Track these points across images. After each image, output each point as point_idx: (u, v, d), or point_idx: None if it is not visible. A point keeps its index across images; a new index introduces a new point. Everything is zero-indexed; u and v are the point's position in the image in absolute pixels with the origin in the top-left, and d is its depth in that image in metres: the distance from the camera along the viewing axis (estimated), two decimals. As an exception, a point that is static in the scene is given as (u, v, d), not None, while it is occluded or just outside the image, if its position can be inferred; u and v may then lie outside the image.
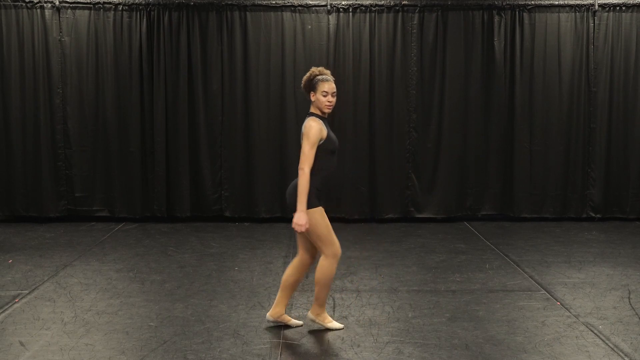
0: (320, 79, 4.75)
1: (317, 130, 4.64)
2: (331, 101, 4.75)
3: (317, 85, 4.75)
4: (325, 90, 4.73)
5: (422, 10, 8.81)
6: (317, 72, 4.79)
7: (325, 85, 4.74)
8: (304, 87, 4.83)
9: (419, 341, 4.67)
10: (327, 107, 4.76)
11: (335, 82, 4.87)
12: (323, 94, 4.73)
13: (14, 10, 8.63)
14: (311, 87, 4.78)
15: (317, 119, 4.72)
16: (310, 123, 4.67)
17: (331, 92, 4.75)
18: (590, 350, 4.52)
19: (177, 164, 8.82)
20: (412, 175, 8.94)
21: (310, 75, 4.80)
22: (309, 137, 4.63)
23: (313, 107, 4.80)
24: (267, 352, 4.47)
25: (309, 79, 4.79)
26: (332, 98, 4.76)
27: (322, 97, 4.73)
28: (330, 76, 4.82)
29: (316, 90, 4.75)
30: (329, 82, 4.75)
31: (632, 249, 7.46)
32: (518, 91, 8.89)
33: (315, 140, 4.64)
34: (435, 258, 7.07)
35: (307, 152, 4.62)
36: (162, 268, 6.64)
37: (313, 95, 4.77)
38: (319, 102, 4.75)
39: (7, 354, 4.42)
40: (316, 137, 4.64)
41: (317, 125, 4.65)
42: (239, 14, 8.73)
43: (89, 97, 8.75)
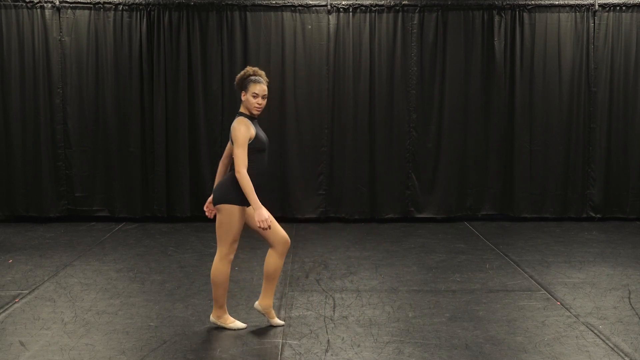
0: (253, 80, 4.76)
1: (244, 131, 4.66)
2: (260, 103, 4.78)
3: (248, 85, 4.76)
4: (256, 92, 4.75)
5: (422, 10, 8.81)
6: (252, 72, 4.80)
7: (257, 87, 4.75)
8: (237, 85, 4.84)
9: (419, 341, 4.67)
10: (256, 109, 4.78)
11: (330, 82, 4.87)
12: (253, 95, 4.75)
13: (14, 10, 8.63)
14: (243, 86, 4.78)
15: (244, 119, 4.73)
16: (237, 125, 4.68)
17: (261, 95, 4.77)
18: (590, 350, 4.52)
19: (177, 164, 8.82)
20: (412, 175, 8.94)
21: (244, 74, 4.80)
22: (238, 140, 4.65)
23: (243, 106, 4.81)
24: (267, 352, 4.47)
25: (242, 78, 4.79)
26: (262, 100, 4.78)
27: (252, 99, 4.75)
28: (264, 78, 4.83)
29: (247, 90, 4.76)
30: (260, 84, 4.76)
31: (632, 249, 7.46)
32: (518, 91, 8.89)
33: (244, 142, 4.65)
34: (435, 258, 7.07)
35: (240, 155, 4.64)
36: (162, 268, 6.64)
37: (244, 94, 4.78)
38: (248, 103, 4.76)
39: (7, 354, 4.42)
40: (244, 138, 4.65)
41: (243, 127, 4.67)
42: (239, 14, 8.73)
43: (89, 97, 8.75)
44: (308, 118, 8.83)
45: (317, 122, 8.85)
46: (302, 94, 8.81)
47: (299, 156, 8.86)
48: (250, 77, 4.77)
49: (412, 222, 8.94)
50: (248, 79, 4.77)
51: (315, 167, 8.89)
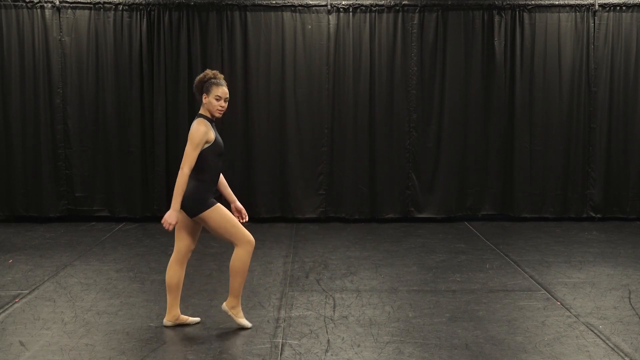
0: (215, 82, 4.78)
1: (202, 133, 4.66)
2: (223, 106, 4.81)
3: (210, 88, 4.78)
4: (219, 95, 4.77)
5: (422, 10, 8.81)
6: (212, 74, 4.81)
7: (219, 90, 4.77)
8: (196, 88, 4.85)
9: (419, 341, 4.67)
10: (218, 111, 4.80)
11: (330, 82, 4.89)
12: (216, 98, 4.77)
13: (14, 10, 8.63)
14: (204, 89, 4.80)
15: (205, 121, 4.74)
16: (197, 126, 4.69)
17: (224, 97, 4.80)
18: (590, 350, 4.52)
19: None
20: (412, 175, 8.94)
21: (204, 77, 4.82)
22: (193, 140, 4.65)
23: (203, 109, 4.82)
24: (267, 352, 4.47)
25: (202, 81, 4.81)
26: (224, 103, 4.82)
27: (215, 102, 4.77)
28: (224, 81, 4.84)
29: (209, 93, 4.78)
30: (222, 87, 4.79)
31: (632, 249, 7.46)
32: (518, 91, 8.89)
33: (199, 143, 4.66)
34: (435, 258, 7.07)
35: (190, 154, 4.65)
36: (163, 268, 6.63)
37: (205, 97, 4.80)
38: (210, 106, 4.78)
39: (7, 354, 4.42)
40: (200, 140, 4.66)
41: (203, 129, 4.68)
42: (239, 14, 8.74)
43: (89, 97, 8.75)
44: (308, 118, 8.83)
45: (317, 122, 8.85)
46: (302, 94, 8.81)
47: (299, 156, 8.86)
48: (212, 79, 4.79)
49: (412, 222, 8.94)
50: (209, 81, 4.79)
51: (315, 167, 8.89)
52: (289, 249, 7.48)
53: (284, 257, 7.07)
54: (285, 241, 7.86)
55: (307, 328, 4.92)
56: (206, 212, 4.75)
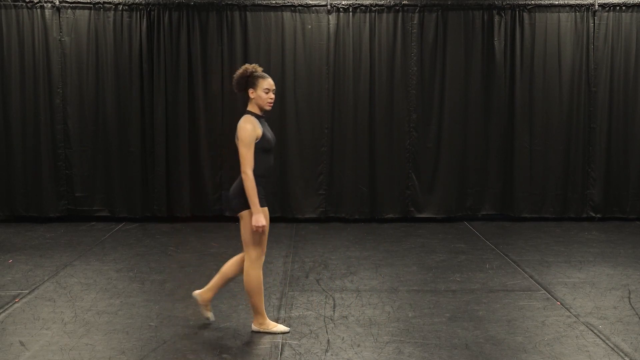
0: (260, 75, 4.67)
1: (250, 131, 4.57)
2: (273, 98, 4.71)
3: (257, 81, 4.66)
4: (267, 87, 4.67)
5: (422, 10, 8.81)
6: (252, 68, 4.70)
7: (266, 82, 4.67)
8: (238, 84, 4.71)
9: (419, 341, 4.67)
10: (269, 104, 4.69)
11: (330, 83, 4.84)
12: (265, 91, 4.66)
13: (14, 10, 8.63)
14: (249, 83, 4.68)
15: (251, 117, 4.64)
16: (243, 124, 4.60)
17: (272, 89, 4.70)
18: (590, 350, 4.52)
19: (177, 164, 8.82)
20: (412, 175, 8.94)
21: (245, 71, 4.69)
22: (244, 140, 4.56)
23: (251, 104, 4.71)
24: (267, 352, 4.47)
25: (244, 76, 4.69)
26: (273, 95, 4.71)
27: (264, 94, 4.66)
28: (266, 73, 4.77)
29: (256, 87, 4.66)
30: (268, 79, 4.69)
31: (632, 249, 7.46)
32: (518, 91, 8.89)
33: (250, 142, 4.56)
34: (435, 258, 7.08)
35: (245, 155, 4.56)
36: (163, 268, 6.64)
37: (252, 92, 4.68)
38: (260, 100, 4.67)
39: (7, 354, 4.42)
40: (250, 138, 4.56)
41: (249, 126, 4.58)
42: (239, 14, 8.74)
43: (89, 97, 8.75)
44: (308, 118, 8.83)
45: (317, 122, 8.85)
46: (302, 94, 8.81)
47: (299, 156, 8.86)
48: (255, 73, 4.68)
49: (412, 222, 8.94)
50: (253, 75, 4.67)
51: (315, 167, 8.89)
52: (289, 249, 7.48)
53: (284, 257, 7.07)
54: (285, 241, 7.86)
55: (307, 328, 4.92)
56: (248, 211, 4.62)
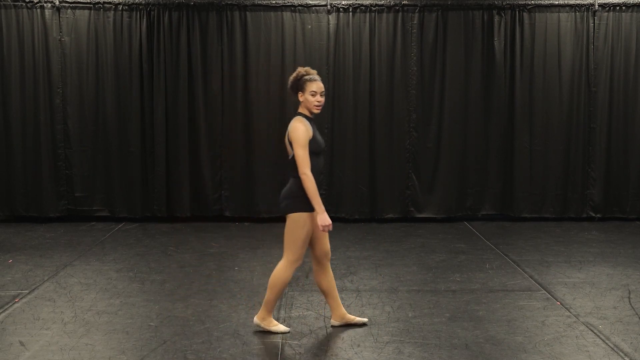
0: (308, 79, 4.72)
1: (303, 131, 4.62)
2: (320, 101, 4.73)
3: (305, 84, 4.72)
4: (314, 90, 4.71)
5: (422, 10, 8.81)
6: (304, 71, 4.76)
7: (314, 85, 4.72)
8: (291, 88, 4.80)
9: (419, 341, 4.67)
10: (316, 107, 4.73)
11: (329, 83, 4.86)
12: (312, 94, 4.71)
13: (14, 10, 8.63)
14: (299, 87, 4.75)
15: (302, 119, 4.69)
16: (295, 124, 4.64)
17: (320, 92, 4.73)
18: (590, 350, 4.52)
19: (177, 164, 8.82)
20: (412, 175, 8.94)
21: (297, 75, 4.77)
22: (299, 140, 4.60)
23: (301, 107, 4.77)
24: (267, 352, 4.47)
25: (296, 79, 4.76)
26: (320, 98, 4.74)
27: (311, 97, 4.71)
28: (317, 76, 4.79)
29: (304, 90, 4.72)
30: (317, 82, 4.73)
31: (632, 249, 7.46)
32: (518, 91, 8.89)
33: (305, 142, 4.61)
34: (435, 258, 7.08)
35: (302, 155, 4.60)
36: (162, 268, 6.64)
37: (301, 95, 4.74)
38: (307, 102, 4.72)
39: (7, 354, 4.42)
40: (305, 137, 4.61)
41: (302, 126, 4.63)
42: (239, 14, 8.73)
43: (89, 97, 8.75)
44: (308, 118, 8.82)
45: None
46: (302, 94, 8.79)
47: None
48: (305, 76, 4.73)
49: (412, 222, 8.94)
50: (303, 78, 4.73)
51: (315, 167, 8.87)
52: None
53: (284, 257, 7.05)
54: (285, 241, 7.84)
55: (307, 328, 4.92)
56: (296, 214, 4.65)
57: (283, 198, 4.75)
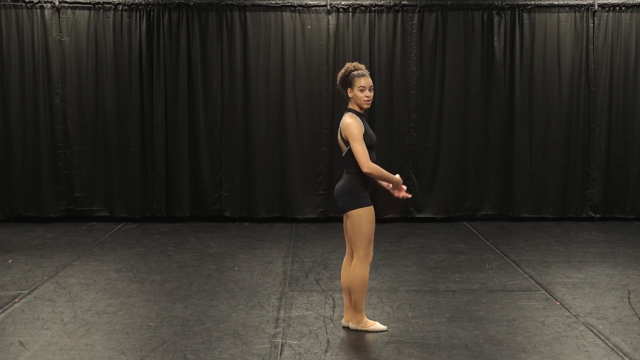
0: (357, 74, 4.71)
1: (357, 125, 4.64)
2: (369, 96, 4.73)
3: (353, 80, 4.71)
4: (363, 85, 4.70)
5: (422, 10, 8.81)
6: (352, 67, 4.76)
7: (362, 80, 4.71)
8: (340, 84, 4.79)
9: (419, 341, 4.67)
10: (365, 102, 4.73)
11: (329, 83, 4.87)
12: (360, 89, 4.70)
13: (14, 10, 8.63)
14: (347, 83, 4.74)
15: (353, 114, 4.71)
16: (348, 120, 4.66)
17: (368, 87, 4.72)
18: (590, 350, 4.52)
19: (177, 164, 8.82)
20: (412, 175, 8.94)
21: (345, 71, 4.76)
22: (354, 136, 4.62)
23: (351, 103, 4.77)
24: (267, 352, 4.47)
25: (344, 75, 4.76)
26: (369, 93, 4.73)
27: (360, 93, 4.70)
28: (366, 70, 4.79)
29: (353, 86, 4.71)
30: (365, 77, 4.72)
31: (632, 249, 7.46)
32: (518, 91, 8.89)
33: (361, 136, 4.63)
34: (435, 258, 7.08)
35: (361, 149, 4.62)
36: (162, 268, 6.64)
37: (350, 91, 4.74)
38: (357, 98, 4.72)
39: (7, 354, 4.42)
40: (360, 132, 4.63)
41: (355, 121, 4.65)
42: (238, 14, 8.73)
43: (89, 97, 8.75)
44: (308, 118, 8.83)
45: (317, 122, 8.85)
46: (302, 94, 8.80)
47: (298, 156, 8.86)
48: (353, 72, 4.72)
49: (412, 222, 8.94)
50: (351, 74, 4.72)
51: (315, 167, 8.89)
52: (288, 249, 7.48)
53: (284, 257, 7.07)
54: (285, 241, 7.86)
55: (307, 328, 4.92)
56: (356, 210, 4.66)
57: (340, 196, 4.74)
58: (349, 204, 4.70)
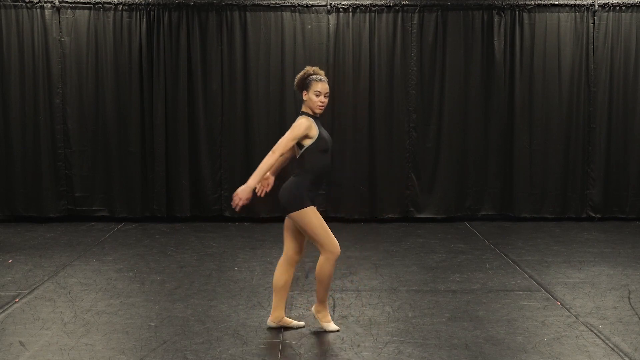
0: (314, 79, 4.71)
1: (305, 127, 4.62)
2: (323, 102, 4.72)
3: (311, 84, 4.71)
4: (319, 90, 4.70)
5: (422, 10, 8.81)
6: (312, 71, 4.76)
7: (319, 85, 4.70)
8: (297, 86, 4.80)
9: (419, 341, 4.67)
10: (319, 107, 4.72)
11: (329, 83, 4.87)
12: (316, 94, 4.70)
13: (14, 10, 8.63)
14: (304, 85, 4.74)
15: (308, 117, 4.70)
16: (300, 120, 4.66)
17: (324, 93, 4.72)
18: (590, 350, 4.52)
19: (177, 164, 8.82)
20: (412, 175, 8.94)
21: (304, 74, 4.76)
22: (294, 130, 4.61)
23: (305, 106, 4.77)
24: (267, 352, 4.47)
25: (302, 78, 4.76)
26: (324, 99, 4.72)
27: (315, 97, 4.70)
28: (324, 77, 4.78)
29: (309, 89, 4.71)
30: (322, 83, 4.72)
31: (632, 249, 7.46)
32: (518, 91, 8.89)
33: (298, 136, 4.61)
34: (435, 258, 7.08)
35: (285, 141, 4.58)
36: (162, 268, 6.64)
37: (305, 94, 4.73)
38: (311, 102, 4.71)
39: (7, 354, 4.42)
40: (301, 133, 4.61)
41: (306, 122, 4.64)
42: (238, 14, 8.74)
43: (89, 97, 8.75)
44: (308, 118, 8.82)
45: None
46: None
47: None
48: (311, 76, 4.73)
49: (412, 222, 8.94)
50: (309, 78, 4.72)
51: (315, 167, 8.87)
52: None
53: (284, 257, 7.05)
54: (285, 241, 7.84)
55: (307, 328, 4.92)
56: (298, 211, 4.63)
57: (284, 198, 4.72)
58: (289, 206, 4.66)
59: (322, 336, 4.76)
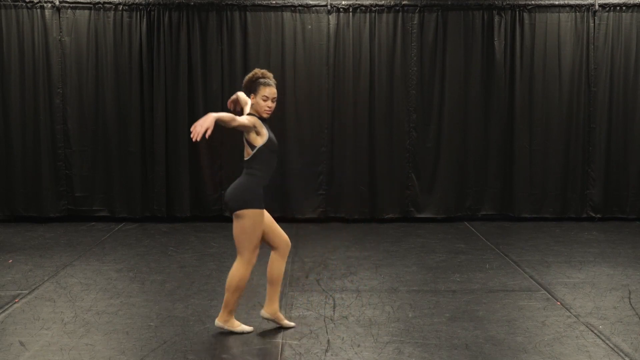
0: (263, 82, 4.67)
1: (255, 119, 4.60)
2: (270, 106, 4.70)
3: (258, 88, 4.67)
4: (266, 95, 4.67)
5: (422, 10, 8.81)
6: (260, 74, 4.71)
7: (267, 90, 4.67)
8: (245, 88, 4.76)
9: (419, 341, 4.67)
10: (266, 112, 4.70)
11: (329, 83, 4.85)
12: (263, 99, 4.67)
13: (14, 10, 8.63)
14: (252, 89, 4.71)
15: (256, 117, 4.66)
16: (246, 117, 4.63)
17: (272, 98, 4.69)
18: (590, 350, 4.52)
19: (177, 164, 8.82)
20: (412, 175, 8.94)
21: (253, 76, 4.72)
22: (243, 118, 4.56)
23: (252, 109, 4.74)
24: (267, 352, 4.47)
25: (250, 80, 4.71)
26: (271, 103, 4.70)
27: (262, 102, 4.67)
28: (273, 80, 4.75)
29: (257, 93, 4.68)
30: (270, 87, 4.68)
31: (632, 249, 7.46)
32: (518, 91, 8.89)
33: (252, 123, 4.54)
34: (435, 258, 7.07)
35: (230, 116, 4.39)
36: (162, 268, 6.64)
37: (253, 97, 4.70)
38: (258, 106, 4.69)
39: (7, 354, 4.42)
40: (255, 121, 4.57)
41: (252, 119, 4.60)
42: (239, 14, 8.74)
43: (89, 97, 8.75)
44: (308, 118, 8.83)
45: (317, 122, 8.85)
46: (302, 94, 8.81)
47: (299, 156, 8.86)
48: (260, 79, 4.68)
49: (412, 222, 8.94)
50: (257, 81, 4.68)
51: (315, 167, 8.89)
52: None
53: (284, 257, 7.05)
54: (285, 241, 7.84)
55: (307, 328, 4.92)
56: (242, 211, 4.61)
57: (232, 196, 4.68)
58: (239, 203, 4.63)
59: (322, 336, 4.76)
